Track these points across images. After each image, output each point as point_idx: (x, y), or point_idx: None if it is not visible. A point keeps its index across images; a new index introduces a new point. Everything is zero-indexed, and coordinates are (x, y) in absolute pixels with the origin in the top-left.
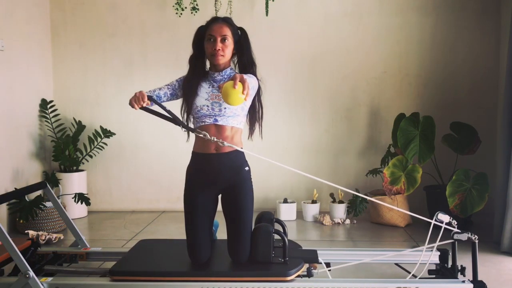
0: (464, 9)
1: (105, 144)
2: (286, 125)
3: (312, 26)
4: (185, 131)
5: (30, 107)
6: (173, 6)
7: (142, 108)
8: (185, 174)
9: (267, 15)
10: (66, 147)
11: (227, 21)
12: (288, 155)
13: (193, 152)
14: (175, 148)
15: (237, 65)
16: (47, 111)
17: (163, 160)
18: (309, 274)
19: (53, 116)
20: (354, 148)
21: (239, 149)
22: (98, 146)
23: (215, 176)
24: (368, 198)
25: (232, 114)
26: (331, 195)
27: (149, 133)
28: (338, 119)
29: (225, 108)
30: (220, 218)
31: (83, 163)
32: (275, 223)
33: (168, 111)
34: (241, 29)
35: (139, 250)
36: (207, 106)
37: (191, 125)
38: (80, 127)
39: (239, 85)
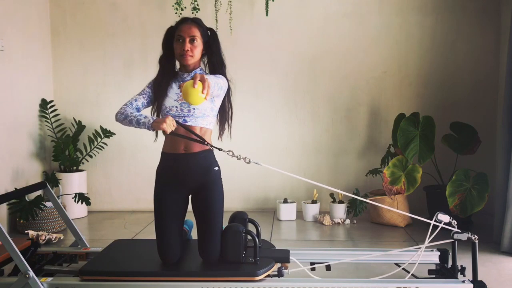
0: (464, 9)
1: (105, 144)
2: (286, 125)
3: (312, 26)
4: (211, 148)
5: (30, 107)
6: (173, 6)
7: (171, 132)
8: (155, 174)
9: (267, 15)
10: (66, 147)
11: (196, 21)
12: (288, 155)
13: (162, 152)
14: None
15: (207, 65)
16: (47, 111)
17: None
18: (279, 274)
19: (53, 116)
20: (354, 148)
21: (249, 160)
22: (98, 146)
23: (185, 176)
24: (365, 200)
25: (201, 115)
26: (331, 195)
27: (149, 133)
28: (338, 119)
29: (193, 108)
30: (192, 218)
31: (83, 163)
32: (248, 223)
33: (193, 132)
34: (211, 29)
35: (113, 250)
36: (176, 107)
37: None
38: (80, 127)
39: (199, 84)
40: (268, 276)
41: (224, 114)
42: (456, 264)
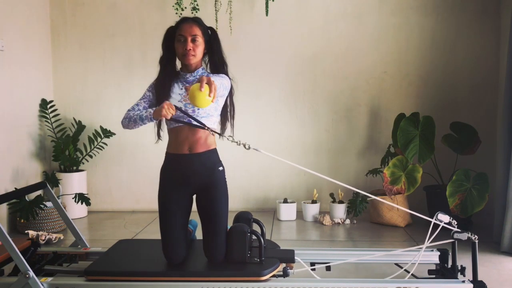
0: (464, 9)
1: (105, 144)
2: (286, 125)
3: (312, 26)
4: (213, 134)
5: (30, 107)
6: (173, 6)
7: (171, 118)
8: (159, 174)
9: (267, 15)
10: (66, 147)
11: (197, 21)
12: (288, 155)
13: (166, 153)
14: None
15: (208, 65)
16: (47, 111)
17: (163, 160)
18: (285, 274)
19: (53, 116)
20: (354, 148)
21: (263, 151)
22: (98, 146)
23: (189, 177)
24: (373, 197)
25: (205, 115)
26: (331, 195)
27: (149, 133)
28: (338, 119)
29: (198, 109)
30: (197, 218)
31: (83, 163)
32: (253, 223)
33: (194, 118)
34: (211, 28)
35: (117, 250)
36: (180, 107)
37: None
38: (80, 127)
39: (205, 87)
40: (274, 276)
41: (226, 113)
42: (456, 264)
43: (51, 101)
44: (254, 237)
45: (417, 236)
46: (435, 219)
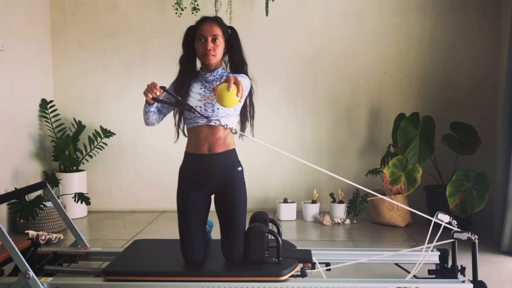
0: (464, 9)
1: (105, 144)
2: (286, 125)
3: (312, 26)
4: (202, 118)
5: (30, 107)
6: (173, 6)
7: (156, 99)
8: (178, 174)
9: (267, 15)
10: (66, 147)
11: (217, 20)
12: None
13: (185, 153)
14: (175, 148)
15: (228, 64)
16: (47, 111)
17: (163, 160)
18: (303, 274)
19: (53, 116)
20: (354, 148)
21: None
22: (98, 146)
23: (208, 177)
24: (377, 195)
25: (225, 115)
26: (331, 195)
27: (149, 133)
28: (338, 119)
29: (217, 108)
30: (213, 218)
31: (83, 163)
32: (269, 223)
33: (181, 100)
34: (231, 28)
35: (134, 250)
36: (200, 107)
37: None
38: (80, 127)
39: (233, 87)
40: (292, 276)
41: (245, 113)
42: (456, 264)
43: (51, 101)
44: (270, 237)
45: (417, 236)
46: (435, 219)
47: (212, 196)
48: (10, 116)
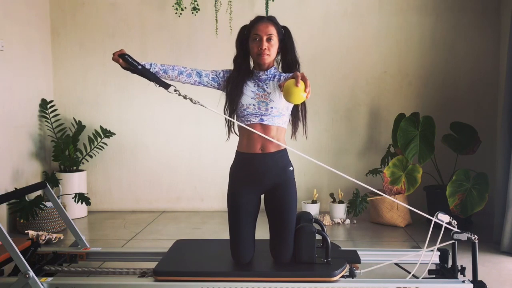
0: (464, 9)
1: (105, 144)
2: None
3: (312, 26)
4: (158, 86)
5: (30, 107)
6: (173, 6)
7: (125, 68)
8: (229, 173)
9: (267, 15)
10: (66, 147)
11: (272, 20)
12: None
13: (237, 152)
14: (175, 148)
15: (280, 64)
16: (47, 111)
17: (163, 160)
18: (352, 275)
19: (53, 116)
20: (354, 148)
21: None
22: (98, 146)
23: (261, 176)
24: (380, 193)
25: (278, 114)
26: (331, 195)
27: (149, 133)
28: (338, 119)
29: (271, 107)
30: (261, 218)
31: (83, 163)
32: (313, 223)
33: (143, 68)
34: (285, 27)
35: (178, 251)
36: (254, 105)
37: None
38: (80, 127)
39: (301, 83)
40: (342, 277)
41: (297, 113)
42: (456, 264)
43: (51, 101)
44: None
45: (417, 236)
46: (435, 219)
47: (262, 196)
48: (10, 116)
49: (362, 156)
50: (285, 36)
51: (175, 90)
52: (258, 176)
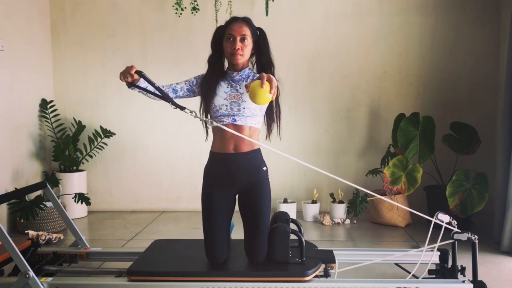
0: (464, 9)
1: (105, 144)
2: (286, 125)
3: (312, 26)
4: (174, 108)
5: (30, 107)
6: (173, 6)
7: (132, 84)
8: (203, 173)
9: (267, 15)
10: (66, 147)
11: (247, 21)
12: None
13: (211, 152)
14: (175, 148)
15: (255, 65)
16: (47, 111)
17: (163, 160)
18: (326, 274)
19: (53, 116)
20: (354, 148)
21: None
22: (98, 146)
23: (234, 176)
24: (377, 196)
25: (250, 114)
26: (331, 195)
27: (149, 133)
28: (338, 119)
29: (244, 108)
30: (236, 218)
31: (83, 163)
32: (290, 223)
33: (158, 88)
34: (260, 29)
35: (155, 250)
36: (226, 105)
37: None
38: (80, 127)
39: (266, 85)
40: (316, 276)
41: (272, 114)
42: (456, 264)
43: (51, 101)
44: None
45: (417, 236)
46: (435, 219)
47: (236, 196)
48: (10, 116)
49: (362, 156)
50: (259, 37)
51: (191, 112)
52: (231, 176)
